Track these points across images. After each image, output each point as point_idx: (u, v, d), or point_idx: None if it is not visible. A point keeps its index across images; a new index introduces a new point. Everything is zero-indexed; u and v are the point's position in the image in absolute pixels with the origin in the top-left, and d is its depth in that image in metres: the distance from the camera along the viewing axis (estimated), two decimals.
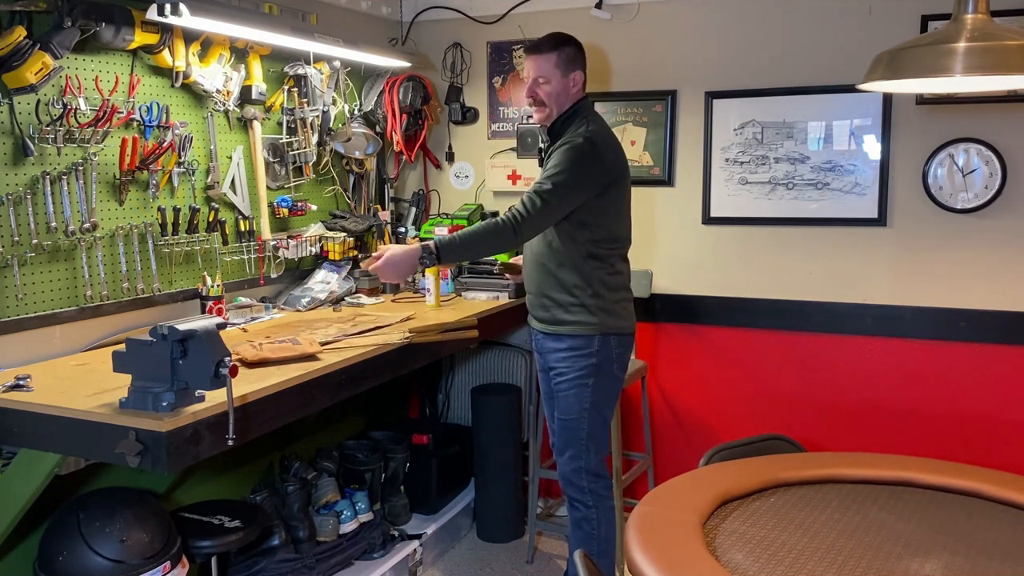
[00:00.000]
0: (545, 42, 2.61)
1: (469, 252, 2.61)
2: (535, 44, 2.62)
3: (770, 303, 3.33)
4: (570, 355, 2.61)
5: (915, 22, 2.99)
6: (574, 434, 2.65)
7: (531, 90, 2.61)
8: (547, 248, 2.61)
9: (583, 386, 2.61)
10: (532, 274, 2.68)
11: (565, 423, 2.66)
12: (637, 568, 1.60)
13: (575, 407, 2.63)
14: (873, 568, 1.62)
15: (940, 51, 1.68)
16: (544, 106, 2.60)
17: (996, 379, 3.04)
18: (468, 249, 2.55)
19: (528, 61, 2.63)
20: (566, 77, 2.58)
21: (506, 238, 2.49)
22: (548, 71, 2.57)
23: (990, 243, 3.01)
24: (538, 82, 2.59)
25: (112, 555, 2.18)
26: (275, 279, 3.17)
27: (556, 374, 2.66)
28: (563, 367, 2.63)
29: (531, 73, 2.61)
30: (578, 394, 2.62)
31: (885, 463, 2.12)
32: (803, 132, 3.22)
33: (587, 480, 2.66)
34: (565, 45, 2.60)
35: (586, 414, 2.64)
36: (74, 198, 2.42)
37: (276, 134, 3.16)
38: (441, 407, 3.95)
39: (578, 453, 2.65)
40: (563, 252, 2.57)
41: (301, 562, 2.83)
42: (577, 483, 2.66)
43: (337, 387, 2.35)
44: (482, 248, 2.60)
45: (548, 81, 2.58)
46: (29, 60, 2.17)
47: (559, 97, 2.59)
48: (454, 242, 2.49)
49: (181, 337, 1.80)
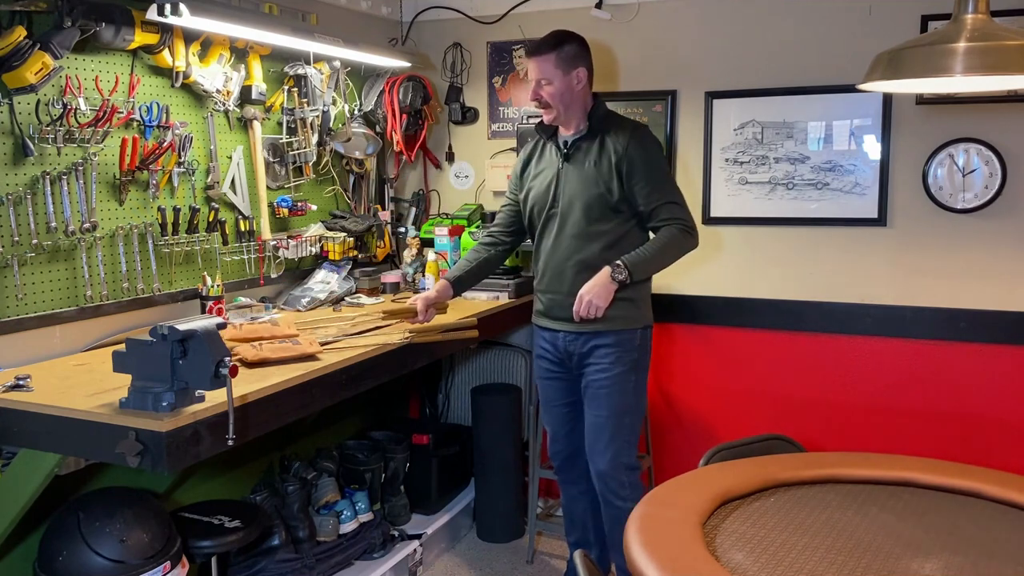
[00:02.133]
0: (544, 43, 2.59)
1: (656, 263, 2.59)
2: (535, 45, 2.61)
3: (770, 303, 3.33)
4: (614, 351, 2.61)
5: (915, 22, 2.99)
6: (616, 431, 2.64)
7: (535, 93, 2.60)
8: (599, 247, 2.58)
9: (627, 381, 2.62)
10: (567, 277, 2.63)
11: (606, 420, 2.63)
12: (637, 568, 1.61)
13: (617, 403, 2.62)
14: (873, 568, 1.62)
15: (940, 51, 1.68)
16: (550, 107, 2.60)
17: (996, 379, 3.04)
18: (655, 260, 2.57)
19: (529, 63, 2.62)
20: (568, 75, 2.57)
21: (689, 242, 2.58)
22: (549, 72, 2.56)
23: (990, 243, 3.00)
24: (541, 84, 2.58)
25: (112, 555, 2.18)
26: (275, 279, 3.17)
27: (597, 371, 2.63)
28: (605, 363, 2.61)
29: (533, 75, 2.60)
30: (622, 389, 2.62)
31: (885, 463, 2.12)
32: (803, 132, 3.22)
33: (626, 474, 2.66)
34: (564, 44, 2.58)
35: (630, 409, 2.66)
36: (74, 198, 2.42)
37: (276, 134, 3.16)
38: (441, 407, 3.95)
39: (620, 449, 2.64)
40: (621, 249, 2.57)
41: (301, 562, 2.83)
42: (618, 478, 2.65)
43: (337, 387, 2.35)
44: (668, 256, 2.59)
45: (550, 82, 2.57)
46: (29, 60, 2.17)
47: (563, 96, 2.58)
48: (641, 256, 2.54)
49: (181, 337, 1.80)
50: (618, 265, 2.51)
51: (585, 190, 2.59)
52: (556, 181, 2.65)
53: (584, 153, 2.60)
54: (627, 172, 2.54)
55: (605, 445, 2.65)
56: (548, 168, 2.69)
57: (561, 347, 2.72)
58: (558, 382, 2.80)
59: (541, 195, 2.69)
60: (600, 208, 2.58)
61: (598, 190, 2.57)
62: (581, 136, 2.62)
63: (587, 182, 2.59)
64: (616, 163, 2.55)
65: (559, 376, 2.79)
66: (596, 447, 2.68)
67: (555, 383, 2.81)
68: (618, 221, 2.59)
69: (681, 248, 2.58)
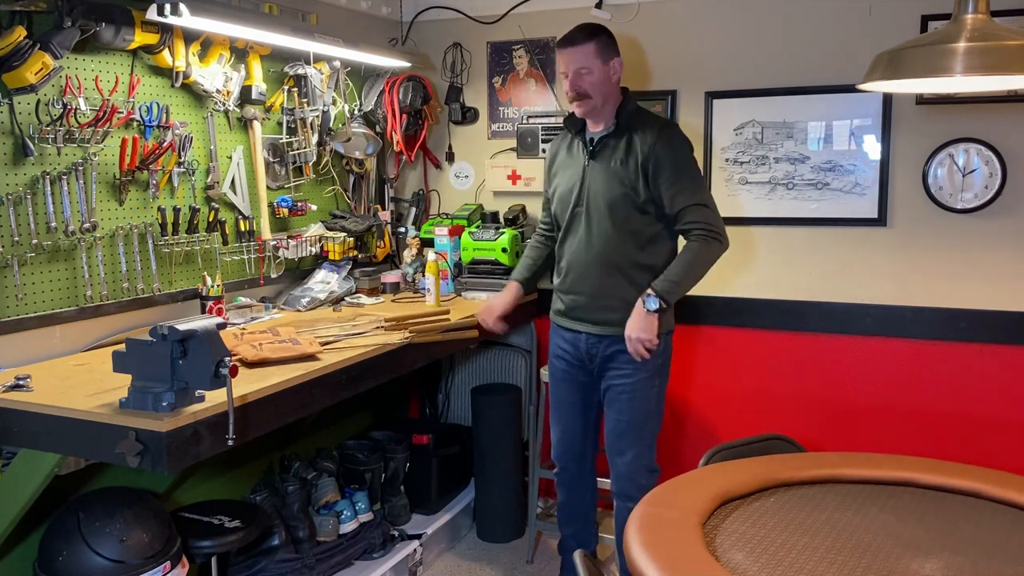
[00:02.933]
0: (578, 33, 2.54)
1: (688, 282, 2.53)
2: (568, 37, 2.54)
3: (770, 303, 3.33)
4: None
5: (915, 22, 2.99)
6: (640, 434, 2.63)
7: (575, 84, 2.51)
8: (626, 247, 2.55)
9: (650, 387, 2.62)
10: (591, 278, 2.60)
11: (628, 424, 2.63)
12: (637, 568, 1.60)
13: (641, 407, 2.62)
14: (873, 568, 1.62)
15: (940, 51, 1.68)
16: (589, 98, 2.52)
17: (996, 379, 3.04)
18: (687, 280, 2.51)
19: (564, 55, 2.54)
20: (607, 65, 2.53)
21: (717, 250, 2.51)
22: (588, 61, 2.50)
23: (990, 243, 3.00)
24: (580, 73, 2.50)
25: (112, 555, 2.18)
26: (275, 279, 3.17)
27: (620, 376, 2.61)
28: (628, 369, 2.59)
29: (570, 66, 2.52)
30: (645, 393, 2.61)
31: (885, 463, 2.12)
32: (803, 132, 3.22)
33: (646, 476, 2.65)
34: (599, 34, 2.54)
35: (654, 413, 2.66)
36: (74, 198, 2.42)
37: (276, 134, 3.16)
38: (441, 407, 3.95)
39: (642, 451, 2.64)
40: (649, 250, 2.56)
41: (301, 562, 2.83)
42: (638, 481, 2.63)
43: (337, 387, 2.36)
44: (699, 272, 2.54)
45: (591, 72, 2.50)
46: (29, 60, 2.17)
47: (603, 86, 2.53)
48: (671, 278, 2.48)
49: (181, 337, 1.80)
50: (650, 295, 2.47)
51: (610, 189, 2.54)
52: (582, 179, 2.60)
53: (611, 151, 2.55)
54: (653, 172, 2.49)
55: (627, 447, 2.65)
56: (574, 165, 2.64)
57: (583, 349, 2.68)
58: (574, 383, 2.77)
59: (566, 193, 2.64)
60: (626, 208, 2.53)
61: (623, 189, 2.52)
62: (609, 133, 2.57)
63: (613, 181, 2.53)
64: (643, 163, 2.50)
65: (576, 377, 2.76)
66: (617, 449, 2.67)
67: (571, 384, 2.77)
68: (645, 221, 2.55)
69: (710, 259, 2.52)
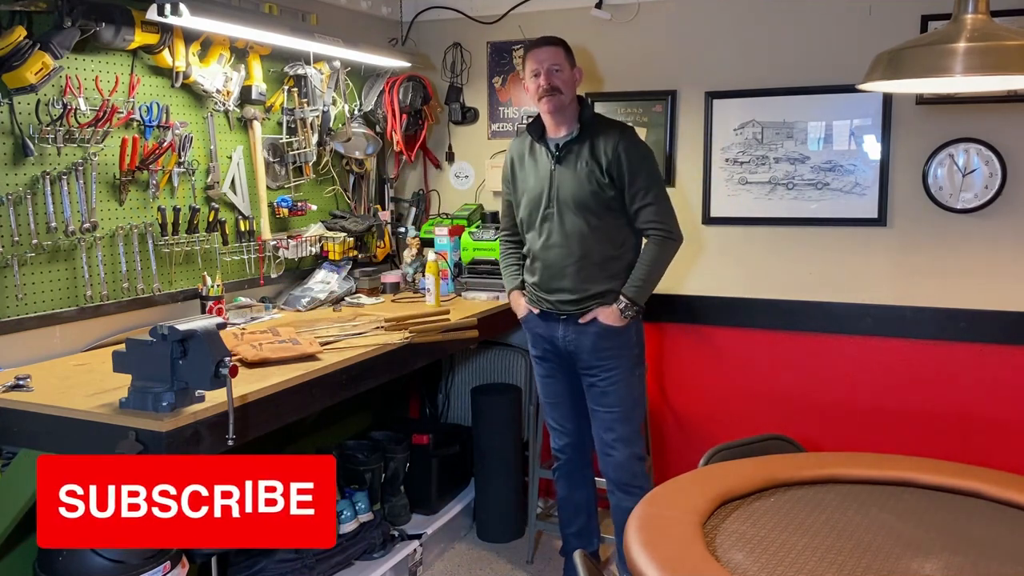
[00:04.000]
0: (548, 39, 2.72)
1: (653, 282, 2.70)
2: (540, 40, 2.72)
3: (770, 303, 3.33)
4: (614, 352, 2.70)
5: (915, 22, 2.99)
6: (630, 424, 2.76)
7: (549, 78, 2.64)
8: (596, 244, 2.67)
9: (631, 376, 2.75)
10: (566, 275, 2.70)
11: (618, 415, 2.74)
12: (637, 568, 1.60)
13: (627, 397, 2.74)
14: (873, 568, 1.62)
15: (940, 51, 1.68)
16: (560, 93, 2.65)
17: (996, 379, 3.04)
18: (651, 280, 2.69)
19: (536, 55, 2.68)
20: (573, 68, 2.72)
21: (672, 249, 2.69)
22: (561, 61, 2.68)
23: (990, 243, 3.00)
24: (553, 70, 2.65)
25: (112, 555, 2.17)
26: (275, 279, 3.17)
27: (602, 371, 2.72)
28: (609, 364, 2.71)
29: (543, 63, 2.65)
30: (628, 384, 2.73)
31: (885, 463, 2.12)
32: (803, 132, 3.22)
33: (638, 464, 2.78)
34: (565, 43, 2.72)
35: (639, 401, 2.80)
36: (74, 198, 2.42)
37: (276, 134, 3.16)
38: (441, 407, 3.95)
39: (633, 440, 2.77)
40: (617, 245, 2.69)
41: (301, 562, 2.83)
42: (633, 469, 2.77)
43: (337, 387, 2.36)
44: (660, 271, 2.71)
45: (561, 69, 2.66)
46: (29, 60, 2.17)
47: (571, 85, 2.70)
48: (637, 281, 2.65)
49: (181, 337, 1.80)
50: (625, 304, 2.64)
51: (580, 190, 2.66)
52: (550, 182, 2.70)
53: (576, 156, 2.67)
54: (617, 174, 2.64)
55: (619, 438, 2.75)
56: (540, 169, 2.74)
57: (561, 347, 2.77)
58: (561, 379, 2.87)
59: (536, 196, 2.74)
60: (596, 207, 2.65)
61: (592, 188, 2.65)
62: (572, 138, 2.68)
63: (581, 182, 2.65)
64: (607, 166, 2.63)
65: (561, 373, 2.86)
66: (609, 439, 2.76)
67: (557, 381, 2.88)
68: (612, 218, 2.68)
69: (667, 258, 2.70)
